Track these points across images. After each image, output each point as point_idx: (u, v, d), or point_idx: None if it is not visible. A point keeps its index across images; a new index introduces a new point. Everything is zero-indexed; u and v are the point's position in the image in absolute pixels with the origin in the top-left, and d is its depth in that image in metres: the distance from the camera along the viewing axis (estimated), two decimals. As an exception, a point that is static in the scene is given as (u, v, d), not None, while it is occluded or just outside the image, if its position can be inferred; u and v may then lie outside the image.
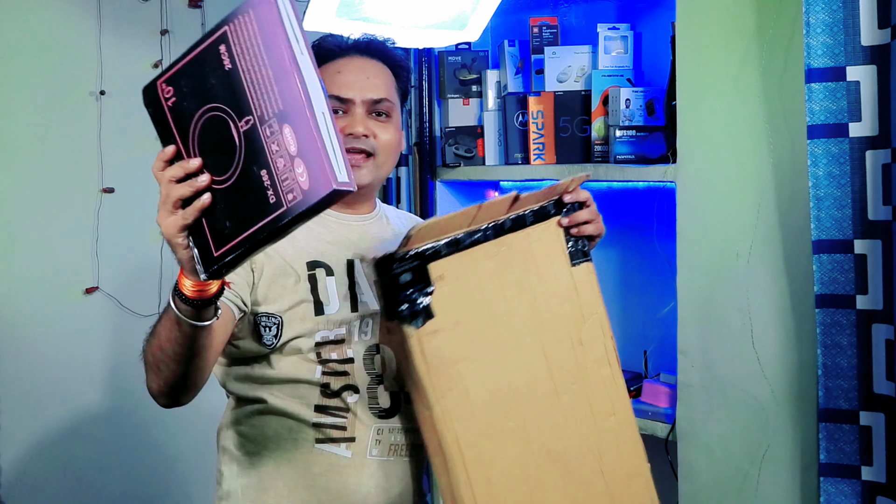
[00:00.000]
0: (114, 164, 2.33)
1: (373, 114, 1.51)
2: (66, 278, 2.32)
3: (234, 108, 1.06)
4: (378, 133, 1.51)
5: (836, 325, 1.65)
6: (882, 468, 1.64)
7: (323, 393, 1.44)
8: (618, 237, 2.41)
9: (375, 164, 1.52)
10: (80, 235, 2.31)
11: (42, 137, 2.28)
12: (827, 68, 1.61)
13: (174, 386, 1.30)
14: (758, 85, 1.82)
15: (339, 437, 1.44)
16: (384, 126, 1.52)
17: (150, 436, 2.40)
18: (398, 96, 1.57)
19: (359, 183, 1.48)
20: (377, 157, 1.52)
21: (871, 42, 1.58)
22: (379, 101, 1.51)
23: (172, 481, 2.41)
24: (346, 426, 1.44)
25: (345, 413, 1.44)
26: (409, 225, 1.65)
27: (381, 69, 1.55)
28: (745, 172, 1.87)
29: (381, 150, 1.52)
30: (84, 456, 2.34)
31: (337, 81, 1.51)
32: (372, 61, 1.54)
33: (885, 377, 1.62)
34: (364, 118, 1.50)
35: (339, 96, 1.50)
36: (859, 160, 1.61)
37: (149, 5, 2.35)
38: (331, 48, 1.54)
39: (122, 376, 2.37)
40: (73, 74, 2.30)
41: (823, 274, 1.65)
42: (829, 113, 1.61)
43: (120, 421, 2.38)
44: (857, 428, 1.65)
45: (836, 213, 1.63)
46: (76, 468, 2.33)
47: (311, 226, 1.50)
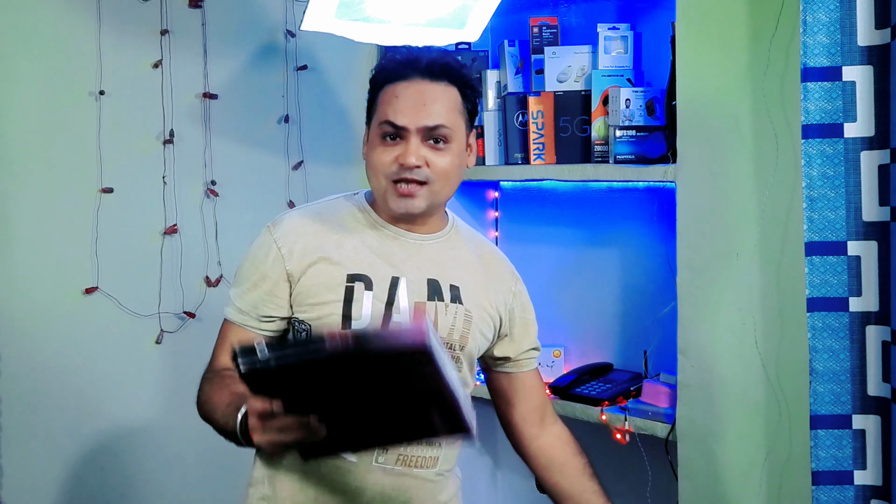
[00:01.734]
0: (113, 164, 2.33)
1: (429, 140, 1.48)
2: (66, 278, 2.31)
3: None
4: (433, 161, 1.48)
5: (827, 329, 1.63)
6: (877, 471, 1.63)
7: None
8: (618, 237, 2.42)
9: (430, 191, 1.50)
10: (80, 235, 2.31)
11: (41, 137, 2.28)
12: (823, 68, 1.60)
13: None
14: (758, 85, 1.82)
15: None
16: (440, 153, 1.49)
17: (150, 436, 2.40)
18: (463, 117, 1.53)
19: (413, 210, 1.51)
20: (432, 184, 1.49)
21: (867, 42, 1.58)
22: (434, 127, 1.48)
23: (172, 481, 2.41)
24: None
25: None
26: (477, 252, 1.63)
27: (443, 92, 1.50)
28: (744, 172, 1.87)
29: (436, 179, 1.49)
30: (84, 456, 2.34)
31: (394, 107, 1.48)
32: (433, 84, 1.50)
33: (880, 379, 1.61)
34: (419, 146, 1.47)
35: (394, 123, 1.47)
36: (854, 161, 1.60)
37: (149, 5, 2.35)
38: (393, 70, 1.52)
39: (122, 376, 2.37)
40: (73, 74, 2.30)
41: (815, 277, 1.63)
42: (825, 113, 1.61)
43: (120, 421, 2.38)
44: (851, 432, 1.64)
45: (829, 215, 1.62)
46: (76, 468, 2.33)
47: (363, 236, 1.52)
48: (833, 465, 1.64)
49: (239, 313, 1.53)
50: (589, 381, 2.31)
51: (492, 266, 1.63)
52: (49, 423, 2.29)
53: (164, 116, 2.38)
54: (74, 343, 2.32)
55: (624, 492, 2.41)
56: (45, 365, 2.30)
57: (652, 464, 2.16)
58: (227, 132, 2.46)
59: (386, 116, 1.48)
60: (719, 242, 1.92)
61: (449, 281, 1.54)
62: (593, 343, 2.47)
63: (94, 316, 2.32)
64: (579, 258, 2.50)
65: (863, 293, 1.62)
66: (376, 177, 1.51)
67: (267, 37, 2.52)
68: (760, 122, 1.83)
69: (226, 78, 2.46)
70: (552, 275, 2.55)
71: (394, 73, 1.51)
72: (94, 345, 2.33)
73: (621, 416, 2.15)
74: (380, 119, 1.50)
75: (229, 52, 2.46)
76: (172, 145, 2.39)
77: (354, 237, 1.53)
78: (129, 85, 2.34)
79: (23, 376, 2.26)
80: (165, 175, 2.38)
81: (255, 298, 1.51)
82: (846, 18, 1.59)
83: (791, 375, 1.82)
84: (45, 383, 2.29)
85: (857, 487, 1.64)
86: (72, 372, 2.32)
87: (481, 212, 2.65)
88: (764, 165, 1.83)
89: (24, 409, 2.25)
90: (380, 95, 1.52)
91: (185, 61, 2.40)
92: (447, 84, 1.51)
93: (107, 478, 2.37)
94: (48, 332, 2.30)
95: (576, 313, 2.51)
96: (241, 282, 1.54)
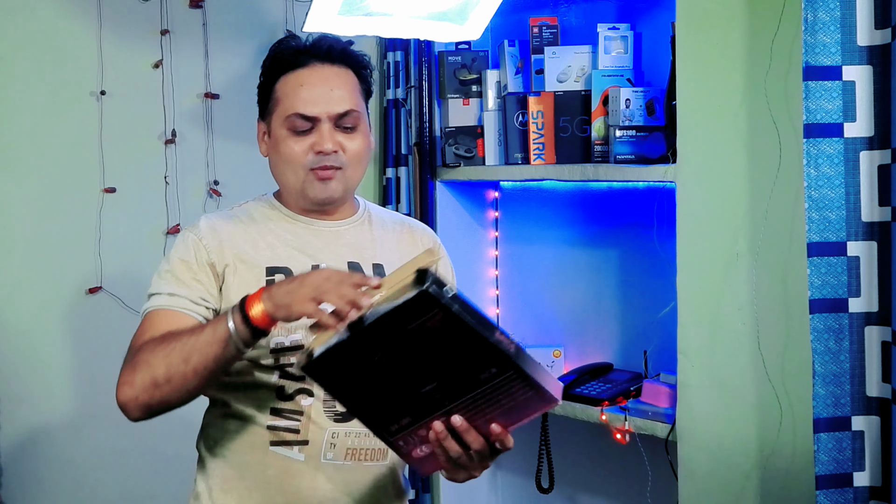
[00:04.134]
0: (115, 163, 2.33)
1: (338, 126, 1.49)
2: (69, 278, 2.32)
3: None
4: (346, 145, 1.50)
5: (828, 331, 1.63)
6: (876, 472, 1.63)
7: (279, 396, 1.45)
8: (618, 237, 2.42)
9: (345, 175, 1.51)
10: (83, 235, 2.32)
11: (43, 137, 2.28)
12: (824, 67, 1.60)
13: (170, 401, 1.35)
14: (758, 84, 1.82)
15: (293, 440, 1.45)
16: (352, 137, 1.51)
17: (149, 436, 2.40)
18: (363, 98, 1.55)
19: (331, 196, 1.52)
20: (346, 169, 1.51)
21: (867, 42, 1.58)
22: (345, 113, 1.49)
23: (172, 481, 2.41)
24: (299, 429, 1.45)
25: (298, 416, 1.45)
26: (397, 230, 1.63)
27: (344, 76, 1.52)
28: (744, 172, 1.88)
29: (350, 162, 1.51)
30: (84, 456, 2.34)
31: (301, 97, 1.48)
32: (334, 68, 1.51)
33: (880, 380, 1.61)
34: (331, 133, 1.48)
35: (305, 114, 1.48)
36: (854, 161, 1.60)
37: (149, 5, 2.35)
38: (290, 57, 1.51)
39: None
40: (74, 74, 2.30)
41: (817, 278, 1.63)
42: (825, 112, 1.61)
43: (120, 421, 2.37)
44: (850, 434, 1.63)
45: (829, 215, 1.62)
46: (76, 468, 2.33)
47: (277, 231, 1.53)
48: (835, 468, 1.64)
49: (170, 297, 1.44)
50: (589, 381, 2.31)
51: (416, 238, 1.64)
52: (50, 423, 2.30)
53: (166, 116, 2.38)
54: (77, 343, 2.32)
55: (624, 492, 2.42)
56: (47, 365, 2.30)
57: (652, 464, 2.16)
58: (229, 132, 2.46)
59: (294, 109, 1.48)
60: (719, 242, 1.92)
61: (371, 261, 1.54)
62: (593, 343, 2.47)
63: (97, 316, 2.33)
64: (579, 258, 2.50)
65: (862, 293, 1.61)
66: (291, 170, 1.50)
67: (268, 36, 2.52)
68: (761, 121, 1.83)
69: (227, 78, 2.46)
70: (552, 275, 2.55)
71: (291, 61, 1.51)
72: (96, 344, 2.33)
73: (621, 416, 2.15)
74: (286, 112, 1.49)
75: (230, 51, 2.46)
76: (174, 145, 2.39)
77: (268, 234, 1.52)
78: (131, 85, 2.35)
79: (24, 376, 2.26)
80: (168, 175, 2.38)
81: (185, 284, 1.46)
82: (846, 18, 1.59)
83: (792, 376, 1.82)
84: (46, 383, 2.30)
85: (856, 489, 1.64)
86: (74, 372, 2.32)
87: (481, 212, 2.65)
88: (764, 165, 1.83)
89: (24, 409, 2.26)
90: (278, 87, 1.51)
91: (186, 61, 2.40)
92: (344, 67, 1.52)
93: (107, 477, 2.37)
94: (51, 331, 2.30)
95: (576, 313, 2.51)
96: (166, 276, 1.48)
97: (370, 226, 1.61)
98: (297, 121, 1.48)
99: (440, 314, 1.15)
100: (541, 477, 2.21)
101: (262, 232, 1.53)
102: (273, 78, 1.52)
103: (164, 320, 1.42)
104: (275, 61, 1.53)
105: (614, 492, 2.48)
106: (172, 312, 1.43)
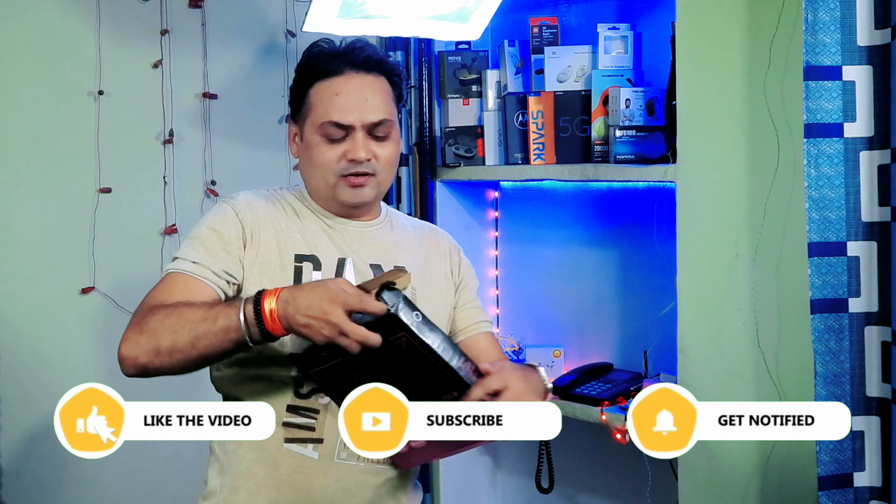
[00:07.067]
0: (111, 164, 2.33)
1: (373, 134, 1.50)
2: (63, 278, 2.31)
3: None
4: (379, 153, 1.51)
5: (828, 331, 1.63)
6: (877, 472, 1.63)
7: (296, 393, 1.45)
8: (618, 237, 2.42)
9: (377, 181, 1.53)
10: (77, 235, 2.31)
11: (40, 137, 2.28)
12: (824, 67, 1.60)
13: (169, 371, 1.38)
14: (758, 84, 1.82)
15: (307, 438, 1.45)
16: (384, 145, 1.52)
17: (150, 436, 2.40)
18: (395, 105, 1.56)
19: (363, 202, 1.54)
20: (378, 175, 1.52)
21: (867, 42, 1.58)
22: (379, 122, 1.50)
23: (173, 481, 2.41)
24: (314, 427, 1.45)
25: (315, 414, 1.45)
26: (418, 234, 1.66)
27: (378, 85, 1.53)
28: (744, 172, 1.87)
29: (382, 169, 1.53)
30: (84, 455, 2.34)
31: (336, 105, 1.49)
32: (369, 77, 1.52)
33: (880, 380, 1.61)
34: (365, 141, 1.50)
35: (340, 123, 1.49)
36: (854, 161, 1.60)
37: (149, 5, 2.35)
38: (325, 64, 1.51)
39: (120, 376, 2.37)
40: (72, 74, 2.30)
41: (817, 278, 1.63)
42: (825, 112, 1.61)
43: (120, 421, 2.38)
44: (850, 434, 1.64)
45: (829, 216, 1.62)
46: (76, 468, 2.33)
47: (307, 223, 1.52)
48: (836, 468, 1.64)
49: (194, 265, 1.44)
50: (589, 381, 2.30)
51: (435, 243, 1.66)
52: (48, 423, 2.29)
53: (164, 116, 2.38)
54: (71, 343, 2.32)
55: (624, 492, 2.42)
56: (42, 364, 2.30)
57: (652, 464, 2.16)
58: (227, 132, 2.46)
59: (329, 117, 1.49)
60: (719, 242, 1.92)
61: (392, 263, 1.55)
62: (593, 343, 2.47)
63: (91, 316, 2.33)
64: (579, 258, 2.50)
65: (862, 294, 1.61)
66: (322, 175, 1.52)
67: (267, 37, 2.52)
68: (760, 121, 1.83)
69: (226, 78, 2.46)
70: (552, 275, 2.55)
71: (326, 69, 1.51)
72: (90, 345, 2.33)
73: (621, 416, 2.14)
74: (320, 119, 1.50)
75: (229, 52, 2.46)
76: (172, 145, 2.39)
77: (300, 221, 1.54)
78: (129, 85, 2.35)
79: (20, 376, 2.26)
80: (165, 175, 2.38)
81: (212, 254, 1.45)
82: (846, 18, 1.59)
83: (792, 375, 1.82)
84: (43, 383, 2.29)
85: (856, 490, 1.64)
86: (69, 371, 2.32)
87: (481, 212, 2.65)
88: (764, 165, 1.83)
89: (22, 409, 2.26)
90: (312, 93, 1.52)
91: (185, 61, 2.40)
92: (379, 75, 1.53)
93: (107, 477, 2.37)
94: (45, 331, 2.30)
95: (575, 313, 2.51)
96: (195, 242, 1.47)
97: (392, 229, 1.62)
98: (331, 129, 1.49)
99: (405, 337, 1.27)
100: (541, 477, 2.20)
101: (295, 220, 1.54)
102: (307, 83, 1.53)
103: (184, 286, 1.42)
104: (309, 67, 1.53)
105: (614, 492, 2.48)
106: (193, 280, 1.43)
